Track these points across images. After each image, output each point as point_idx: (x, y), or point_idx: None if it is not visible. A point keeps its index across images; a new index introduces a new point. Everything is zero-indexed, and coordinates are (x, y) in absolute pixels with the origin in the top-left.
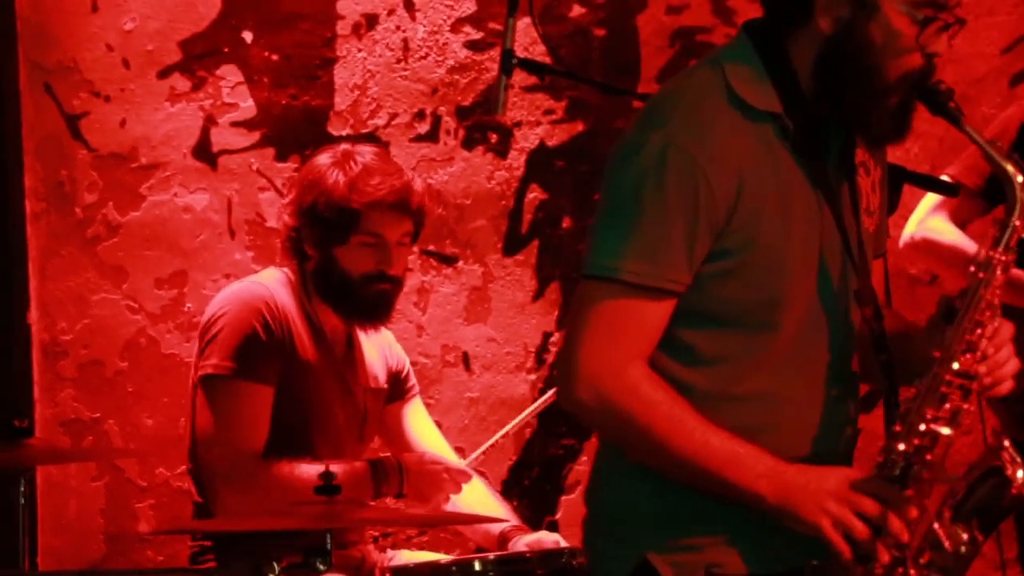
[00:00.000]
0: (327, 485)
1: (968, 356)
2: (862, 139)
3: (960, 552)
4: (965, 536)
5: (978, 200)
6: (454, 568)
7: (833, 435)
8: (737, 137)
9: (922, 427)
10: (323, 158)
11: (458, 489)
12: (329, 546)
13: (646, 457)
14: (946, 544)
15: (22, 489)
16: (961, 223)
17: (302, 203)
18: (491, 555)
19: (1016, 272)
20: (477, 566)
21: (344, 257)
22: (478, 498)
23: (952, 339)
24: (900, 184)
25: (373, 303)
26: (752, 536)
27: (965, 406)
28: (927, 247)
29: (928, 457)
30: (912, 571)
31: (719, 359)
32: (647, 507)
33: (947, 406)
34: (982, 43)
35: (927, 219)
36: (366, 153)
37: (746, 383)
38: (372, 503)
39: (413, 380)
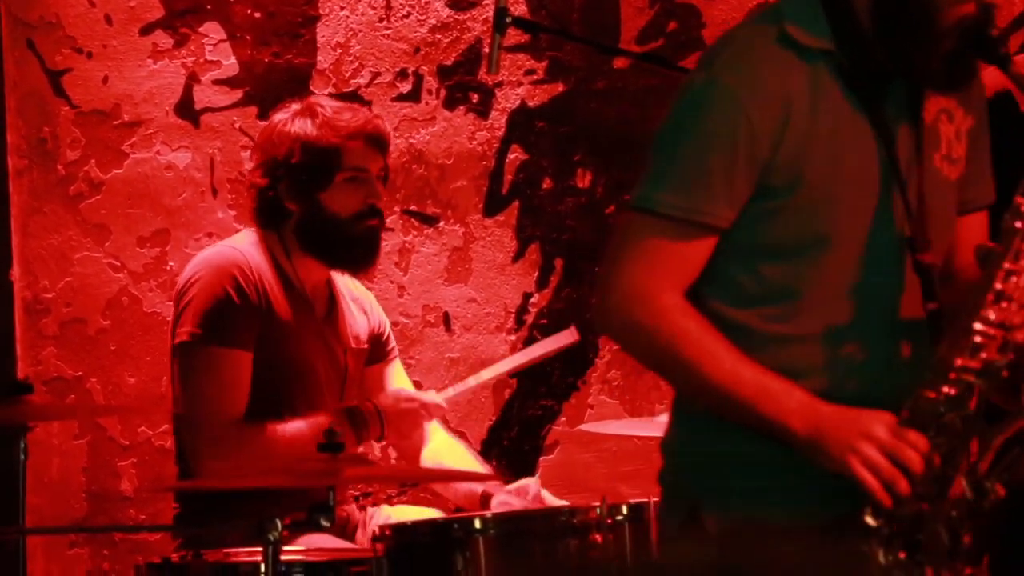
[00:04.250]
0: (331, 442)
1: (1004, 305)
2: (914, 80)
3: (981, 506)
4: (990, 487)
5: None
6: (455, 525)
7: (885, 379)
8: (785, 74)
9: (952, 376)
10: (283, 113)
11: (431, 419)
12: (332, 502)
13: (675, 383)
14: (968, 495)
15: (23, 446)
16: None
17: (274, 158)
18: (489, 513)
19: None
20: (477, 523)
21: (331, 200)
22: (458, 460)
23: (980, 287)
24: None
25: (365, 242)
26: (800, 485)
27: (1000, 359)
28: None
29: (962, 410)
30: (930, 512)
31: (766, 298)
32: (698, 456)
33: (983, 355)
34: None
35: None
36: (324, 101)
37: (793, 323)
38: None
39: (393, 342)
